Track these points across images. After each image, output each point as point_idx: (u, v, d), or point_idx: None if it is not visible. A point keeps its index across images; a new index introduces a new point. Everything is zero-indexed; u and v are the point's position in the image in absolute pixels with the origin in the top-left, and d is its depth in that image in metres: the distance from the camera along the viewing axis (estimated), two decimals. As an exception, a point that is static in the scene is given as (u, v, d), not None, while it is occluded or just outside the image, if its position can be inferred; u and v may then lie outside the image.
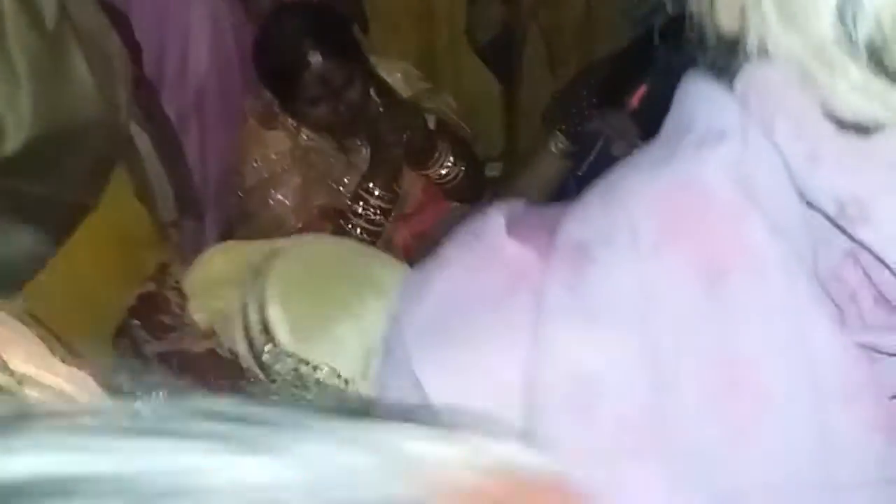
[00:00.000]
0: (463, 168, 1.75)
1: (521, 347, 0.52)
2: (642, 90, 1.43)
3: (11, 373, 0.67)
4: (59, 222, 1.42)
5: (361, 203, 1.67)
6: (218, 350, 1.38)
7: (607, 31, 1.94)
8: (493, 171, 2.10)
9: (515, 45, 2.00)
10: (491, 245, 0.57)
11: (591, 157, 1.70)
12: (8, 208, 1.29)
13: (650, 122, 1.46)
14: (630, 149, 1.55)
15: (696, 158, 0.50)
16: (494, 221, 0.58)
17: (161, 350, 1.48)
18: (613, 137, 1.55)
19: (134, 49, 1.43)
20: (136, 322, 1.52)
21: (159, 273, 1.60)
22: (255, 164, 1.71)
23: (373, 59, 1.74)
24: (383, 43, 1.99)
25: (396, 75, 1.80)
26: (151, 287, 1.56)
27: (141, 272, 1.63)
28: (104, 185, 1.44)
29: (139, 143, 1.49)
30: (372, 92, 1.71)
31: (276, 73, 1.66)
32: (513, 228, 0.57)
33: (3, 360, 0.67)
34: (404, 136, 1.66)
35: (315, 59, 1.57)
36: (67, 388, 0.71)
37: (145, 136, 1.48)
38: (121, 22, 1.36)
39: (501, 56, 2.06)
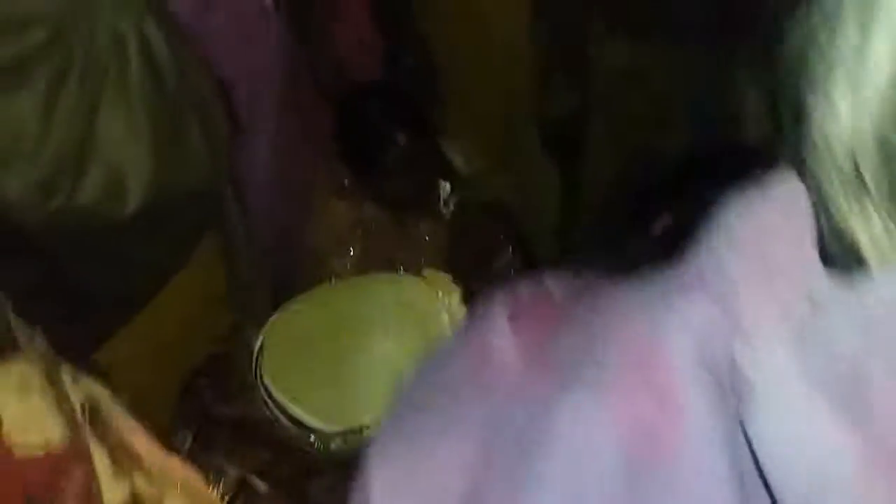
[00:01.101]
0: (519, 259, 1.79)
1: (469, 452, 0.48)
2: (665, 220, 1.41)
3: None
4: (152, 282, 1.45)
5: None
6: (282, 419, 1.36)
7: (677, 126, 1.95)
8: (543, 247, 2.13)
9: (581, 130, 2.05)
10: (481, 336, 0.53)
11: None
12: (109, 271, 1.33)
13: (670, 255, 1.49)
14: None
15: (670, 305, 0.46)
16: (495, 311, 0.54)
17: (229, 413, 1.47)
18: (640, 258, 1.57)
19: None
20: (205, 382, 1.53)
21: (231, 334, 1.61)
22: (317, 231, 1.77)
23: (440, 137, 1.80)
24: (452, 119, 2.05)
25: (457, 153, 1.88)
26: (223, 348, 1.56)
27: (216, 330, 1.67)
28: (197, 245, 1.48)
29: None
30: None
31: (354, 149, 1.73)
32: (516, 317, 0.53)
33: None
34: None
35: (393, 140, 1.65)
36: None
37: (233, 200, 1.51)
38: (220, 88, 1.41)
39: (565, 138, 2.10)
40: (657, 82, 1.95)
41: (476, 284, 1.74)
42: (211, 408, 1.49)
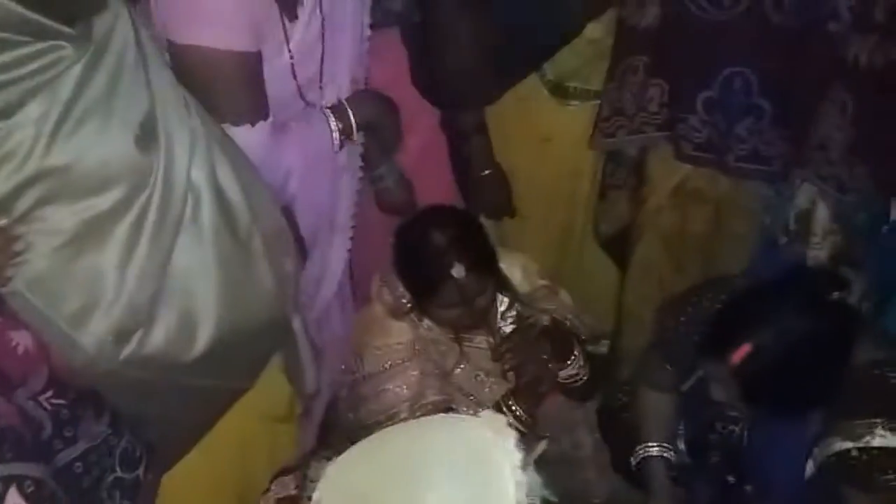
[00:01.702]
0: (587, 372, 1.78)
1: None
2: (746, 349, 1.41)
3: None
4: (216, 404, 1.46)
5: None
6: None
7: (731, 244, 1.96)
8: (601, 347, 2.11)
9: (632, 244, 2.02)
10: None
11: (694, 379, 1.72)
12: (174, 397, 1.34)
13: (751, 383, 1.48)
14: (729, 399, 1.51)
15: None
16: None
17: None
18: (712, 382, 1.55)
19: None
20: None
21: (299, 478, 1.54)
22: (376, 352, 1.75)
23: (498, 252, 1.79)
24: (517, 229, 2.05)
25: (515, 271, 1.85)
26: (291, 491, 1.51)
27: (275, 454, 1.64)
28: (263, 369, 1.49)
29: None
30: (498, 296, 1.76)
31: (415, 276, 1.70)
32: None
33: None
34: (551, 361, 1.69)
35: (457, 271, 1.61)
36: None
37: (298, 319, 1.53)
38: (289, 218, 1.43)
39: (620, 250, 2.10)
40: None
41: (532, 404, 1.75)
42: None
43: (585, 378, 1.80)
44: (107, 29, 1.16)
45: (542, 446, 1.65)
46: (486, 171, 1.95)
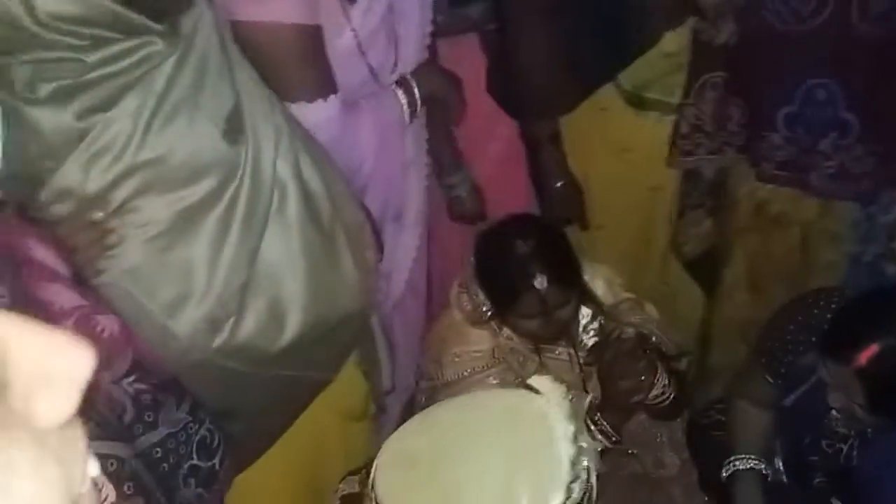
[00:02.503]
0: (672, 389, 1.74)
1: None
2: (874, 350, 1.36)
3: None
4: (299, 397, 1.48)
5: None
6: None
7: (821, 270, 1.91)
8: (683, 365, 2.08)
9: (718, 265, 2.00)
10: None
11: (799, 392, 1.65)
12: (259, 389, 1.36)
13: (877, 386, 1.41)
14: (850, 404, 1.44)
15: None
16: None
17: None
18: (832, 387, 1.49)
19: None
20: None
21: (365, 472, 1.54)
22: (455, 359, 1.72)
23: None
24: (595, 241, 2.03)
25: (598, 282, 1.80)
26: (355, 488, 1.49)
27: (351, 449, 1.65)
28: (345, 361, 1.50)
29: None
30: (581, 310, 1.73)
31: (496, 285, 1.67)
32: None
33: None
34: (647, 382, 1.64)
35: (539, 282, 1.57)
36: None
37: (375, 313, 1.54)
38: (366, 213, 1.45)
39: (705, 272, 2.07)
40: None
41: (621, 419, 1.71)
42: None
43: (672, 396, 1.76)
44: (192, 26, 1.19)
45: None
46: (560, 182, 1.95)
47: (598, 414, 1.68)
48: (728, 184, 1.95)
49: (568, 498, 1.12)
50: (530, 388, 1.24)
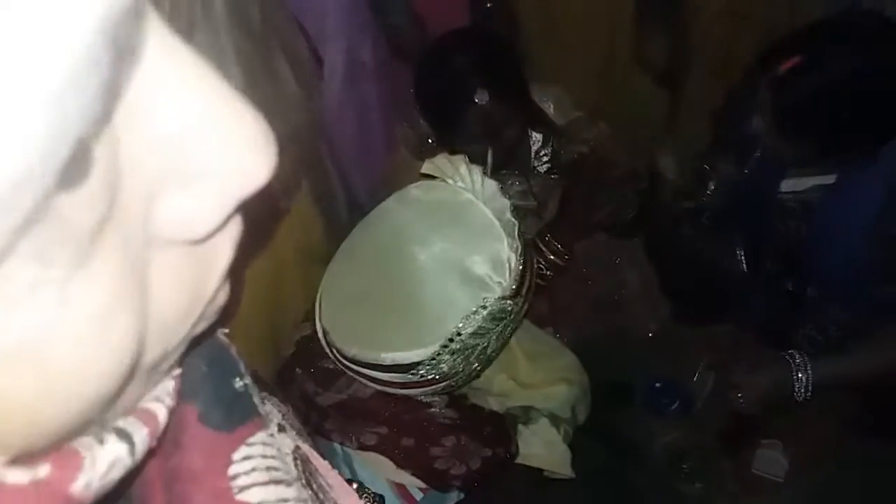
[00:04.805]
0: (633, 210, 1.68)
1: None
2: (796, 60, 1.29)
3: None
4: (263, 227, 1.42)
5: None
6: (388, 390, 1.26)
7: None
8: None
9: (679, 77, 1.95)
10: None
11: (752, 162, 1.63)
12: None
13: (788, 99, 1.31)
14: (765, 125, 1.39)
15: None
16: None
17: (333, 402, 1.37)
18: (755, 109, 1.42)
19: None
20: (301, 371, 1.43)
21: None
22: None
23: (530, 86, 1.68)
24: (545, 67, 1.94)
25: (548, 103, 1.73)
26: (308, 330, 1.44)
27: (311, 290, 1.62)
28: (298, 190, 1.44)
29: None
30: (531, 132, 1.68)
31: (437, 107, 1.60)
32: None
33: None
34: (607, 202, 1.62)
35: (481, 97, 1.50)
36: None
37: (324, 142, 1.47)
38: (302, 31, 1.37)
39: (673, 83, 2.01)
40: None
41: (573, 238, 1.68)
42: (314, 397, 1.39)
43: (631, 213, 1.73)
44: None
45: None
46: (490, 3, 1.88)
47: (549, 234, 1.64)
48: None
49: (512, 246, 1.09)
50: (427, 175, 1.21)
